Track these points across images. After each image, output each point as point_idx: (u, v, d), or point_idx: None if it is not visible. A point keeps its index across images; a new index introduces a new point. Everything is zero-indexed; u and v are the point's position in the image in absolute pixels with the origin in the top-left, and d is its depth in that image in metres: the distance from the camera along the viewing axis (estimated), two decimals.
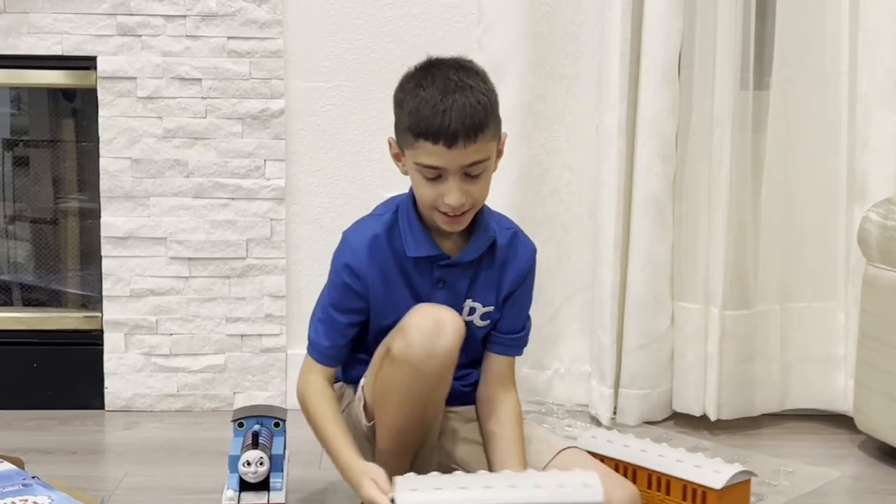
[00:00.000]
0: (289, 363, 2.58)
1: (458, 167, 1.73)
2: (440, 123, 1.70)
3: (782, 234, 2.51)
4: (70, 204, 2.70)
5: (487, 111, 1.73)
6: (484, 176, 1.77)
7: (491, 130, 1.74)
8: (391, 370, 1.76)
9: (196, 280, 2.55)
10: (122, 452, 2.32)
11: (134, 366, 2.56)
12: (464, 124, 1.70)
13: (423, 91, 1.74)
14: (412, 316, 1.75)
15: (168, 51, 2.49)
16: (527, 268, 1.92)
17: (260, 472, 1.84)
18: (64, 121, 2.71)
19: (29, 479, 1.62)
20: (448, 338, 1.73)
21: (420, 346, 1.72)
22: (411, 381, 1.74)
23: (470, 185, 1.75)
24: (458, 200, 1.74)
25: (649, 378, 2.50)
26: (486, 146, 1.74)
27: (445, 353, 1.73)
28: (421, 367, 1.72)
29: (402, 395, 1.76)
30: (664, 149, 2.44)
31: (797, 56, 2.47)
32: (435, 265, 1.84)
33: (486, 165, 1.76)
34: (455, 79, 1.74)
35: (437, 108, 1.71)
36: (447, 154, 1.71)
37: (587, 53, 2.52)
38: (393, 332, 1.78)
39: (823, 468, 2.24)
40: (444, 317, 1.75)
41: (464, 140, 1.70)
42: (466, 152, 1.72)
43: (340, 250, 1.86)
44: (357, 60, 2.54)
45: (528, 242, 1.94)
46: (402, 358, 1.73)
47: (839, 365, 2.53)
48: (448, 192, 1.74)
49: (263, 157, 2.53)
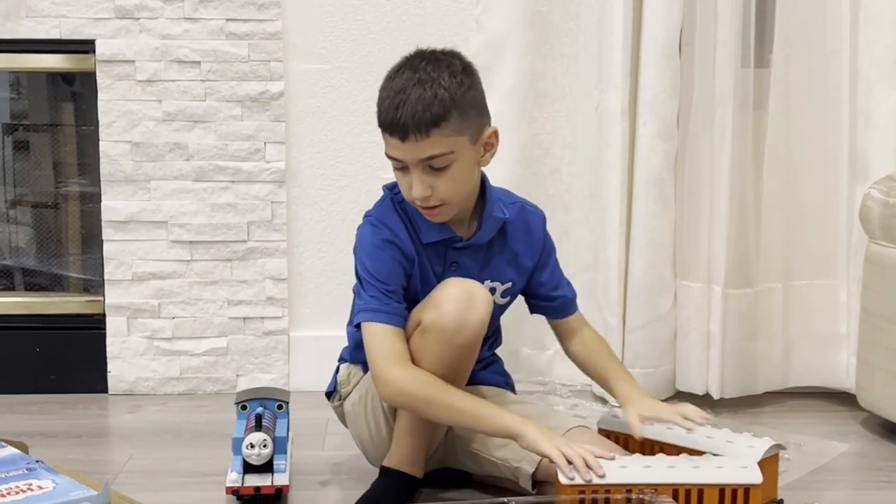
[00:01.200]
0: (291, 345, 2.58)
1: (415, 160, 1.75)
2: (393, 116, 1.74)
3: (784, 212, 2.51)
4: (71, 188, 2.69)
5: (446, 105, 1.73)
6: (451, 171, 1.77)
7: (451, 125, 1.74)
8: (421, 341, 1.77)
9: (198, 263, 2.55)
10: (125, 436, 2.32)
11: (137, 349, 2.56)
12: (414, 119, 1.72)
13: (391, 83, 1.78)
14: (444, 289, 1.79)
15: (167, 34, 2.48)
16: (540, 237, 1.98)
17: (263, 455, 1.85)
18: (63, 105, 2.71)
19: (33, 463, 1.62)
20: (479, 310, 1.77)
21: (453, 317, 1.75)
22: (442, 352, 1.76)
23: (434, 179, 1.76)
24: (420, 193, 1.76)
25: (652, 357, 2.50)
26: (445, 140, 1.74)
27: (476, 324, 1.77)
28: (453, 338, 1.75)
29: (431, 367, 1.77)
30: (665, 128, 2.43)
31: (798, 33, 2.46)
32: (449, 248, 1.87)
33: (450, 159, 1.76)
34: (423, 73, 1.76)
35: (394, 101, 1.74)
36: (402, 147, 1.75)
37: (587, 32, 2.51)
38: (422, 305, 1.81)
39: (832, 441, 2.24)
40: (475, 290, 1.79)
41: (415, 134, 1.73)
42: (419, 146, 1.74)
43: (375, 229, 1.85)
44: (356, 41, 2.53)
45: (536, 212, 1.99)
46: (434, 328, 1.75)
47: (841, 342, 2.53)
48: (412, 183, 1.77)
49: (263, 140, 2.52)
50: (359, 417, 1.95)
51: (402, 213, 1.87)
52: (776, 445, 1.87)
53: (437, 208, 1.80)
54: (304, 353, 2.58)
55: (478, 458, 1.91)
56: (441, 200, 1.78)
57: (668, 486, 1.66)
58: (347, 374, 1.99)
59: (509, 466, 1.86)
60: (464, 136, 1.77)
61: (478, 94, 1.81)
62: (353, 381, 1.97)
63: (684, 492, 1.68)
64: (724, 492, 1.68)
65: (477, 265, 1.90)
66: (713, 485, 1.68)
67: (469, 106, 1.77)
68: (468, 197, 1.85)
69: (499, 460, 1.88)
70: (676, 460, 1.74)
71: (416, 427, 1.83)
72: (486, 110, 1.84)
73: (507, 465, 1.87)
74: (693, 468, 1.70)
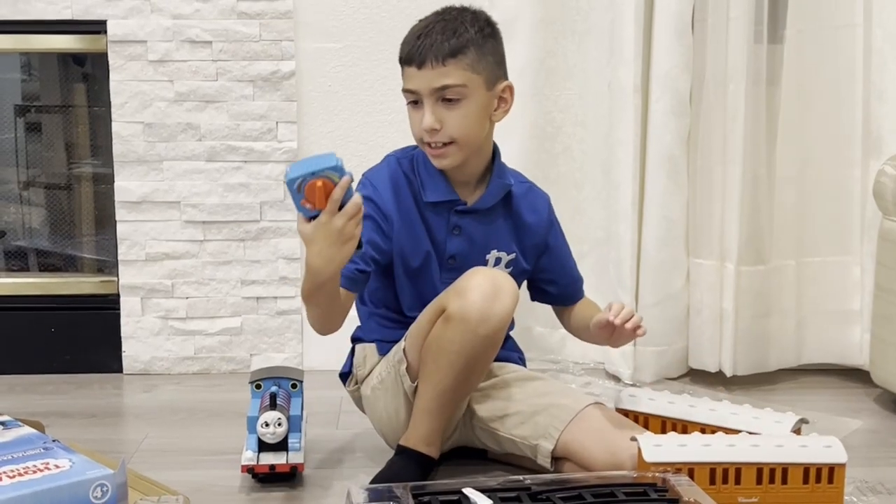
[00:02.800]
0: (304, 325, 2.59)
1: (429, 89, 1.80)
2: (413, 46, 1.82)
3: (797, 189, 2.50)
4: (83, 169, 2.70)
5: (466, 41, 1.80)
6: (462, 107, 1.81)
7: (468, 60, 1.80)
8: (445, 329, 1.77)
9: (211, 243, 2.55)
10: (140, 415, 2.34)
11: (151, 329, 2.57)
12: (433, 47, 1.79)
13: (418, 23, 1.86)
14: (471, 278, 1.78)
15: (178, 13, 2.47)
16: (546, 217, 1.99)
17: (278, 433, 1.86)
18: (75, 85, 2.71)
19: (49, 442, 1.63)
20: (505, 301, 1.77)
21: (478, 307, 1.74)
22: (465, 342, 1.76)
23: (445, 112, 1.81)
24: (430, 123, 1.80)
25: (665, 335, 2.50)
26: (460, 73, 1.80)
27: (502, 316, 1.77)
28: (477, 328, 1.75)
29: (454, 355, 1.77)
30: (678, 105, 2.42)
31: (811, 8, 2.44)
32: (451, 211, 1.88)
33: (462, 93, 1.80)
34: (448, 15, 1.84)
35: (417, 33, 1.83)
36: (418, 75, 1.80)
37: (598, 8, 2.49)
38: (448, 293, 1.80)
39: (844, 417, 2.24)
40: (502, 281, 1.79)
41: (432, 61, 1.79)
42: (435, 73, 1.79)
43: (362, 186, 1.89)
44: (367, 20, 2.52)
45: (542, 193, 2.02)
46: (459, 317, 1.75)
47: (855, 319, 2.53)
48: (423, 116, 1.81)
49: (275, 120, 2.52)
50: (378, 401, 1.95)
51: (399, 172, 1.90)
52: (801, 420, 1.87)
53: (445, 148, 1.83)
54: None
55: (497, 436, 1.92)
56: (450, 137, 1.82)
57: (752, 466, 1.66)
58: (363, 357, 1.99)
59: (528, 444, 1.87)
60: (479, 76, 1.82)
61: (498, 45, 1.87)
62: (368, 363, 1.98)
63: (768, 471, 1.67)
64: (809, 471, 1.67)
65: (480, 233, 1.91)
66: (798, 464, 1.67)
67: (488, 51, 1.83)
68: (476, 146, 1.87)
69: (518, 438, 1.88)
70: (732, 438, 1.73)
71: (435, 408, 1.83)
72: (504, 65, 1.89)
73: (526, 442, 1.87)
74: (776, 447, 1.69)
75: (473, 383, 1.86)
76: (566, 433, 1.83)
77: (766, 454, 1.68)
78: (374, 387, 1.95)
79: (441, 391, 1.81)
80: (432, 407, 1.83)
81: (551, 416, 1.86)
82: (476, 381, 1.87)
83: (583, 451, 1.81)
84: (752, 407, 1.92)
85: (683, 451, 1.68)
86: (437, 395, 1.81)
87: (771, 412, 1.90)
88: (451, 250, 1.91)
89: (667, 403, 1.96)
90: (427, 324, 1.82)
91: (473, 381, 1.85)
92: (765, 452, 1.68)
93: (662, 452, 1.67)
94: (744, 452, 1.68)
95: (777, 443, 1.71)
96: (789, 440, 1.73)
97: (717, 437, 1.74)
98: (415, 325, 1.87)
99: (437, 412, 1.83)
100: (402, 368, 1.87)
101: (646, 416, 1.95)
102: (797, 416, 1.87)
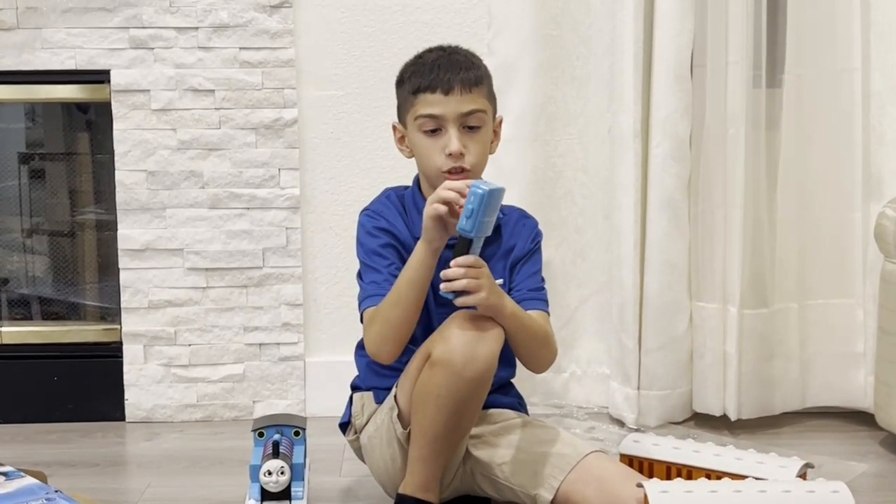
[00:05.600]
0: (307, 371, 2.59)
1: (456, 114, 1.84)
2: (436, 75, 1.85)
3: (799, 232, 2.50)
4: (87, 216, 2.71)
5: (481, 72, 1.89)
6: (481, 134, 1.87)
7: (485, 89, 1.88)
8: (431, 375, 1.77)
9: (213, 290, 2.56)
10: (143, 464, 2.33)
11: (153, 377, 2.57)
12: (459, 75, 1.85)
13: (422, 58, 1.91)
14: (453, 321, 1.78)
15: (181, 63, 2.50)
16: (533, 236, 2.00)
17: (281, 482, 1.85)
18: (79, 134, 2.73)
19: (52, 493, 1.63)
20: (489, 343, 1.76)
21: (461, 350, 1.74)
22: (451, 386, 1.75)
23: (469, 139, 1.85)
24: (458, 147, 1.83)
25: (669, 379, 2.49)
26: (482, 101, 1.87)
27: (487, 358, 1.76)
28: (462, 371, 1.74)
29: (441, 400, 1.76)
30: (678, 149, 2.43)
31: (810, 53, 2.46)
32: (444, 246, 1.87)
33: (483, 119, 1.87)
34: (453, 51, 1.92)
35: (435, 65, 1.87)
36: (444, 101, 1.84)
37: (598, 54, 2.51)
38: (433, 338, 1.80)
39: (851, 462, 2.23)
40: (486, 323, 1.77)
41: (460, 87, 1.84)
42: (463, 100, 1.84)
43: (371, 219, 1.93)
44: (369, 68, 2.54)
45: (532, 217, 2.04)
46: (443, 362, 1.74)
47: (859, 362, 2.52)
48: (448, 142, 1.84)
49: (278, 167, 2.54)
50: (375, 450, 1.93)
51: (399, 207, 1.93)
52: (806, 464, 1.86)
53: (464, 174, 1.85)
54: (319, 378, 2.58)
55: (497, 483, 1.91)
56: (470, 165, 1.86)
57: None
58: (361, 406, 1.98)
59: (528, 493, 1.86)
60: (491, 105, 1.90)
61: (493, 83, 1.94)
62: (366, 412, 1.97)
63: None
64: None
65: None
66: None
67: (491, 84, 1.92)
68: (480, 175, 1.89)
69: (517, 487, 1.87)
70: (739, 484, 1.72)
71: (428, 454, 1.81)
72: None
73: (525, 491, 1.86)
74: (784, 492, 1.68)
75: (465, 427, 1.84)
76: (566, 483, 1.82)
77: (774, 500, 1.67)
78: (371, 435, 1.94)
79: (433, 437, 1.79)
80: (425, 454, 1.81)
81: (551, 465, 1.85)
82: (468, 425, 1.85)
83: (583, 502, 1.80)
84: (756, 452, 1.91)
85: (690, 497, 1.67)
86: (428, 441, 1.80)
87: (776, 457, 1.89)
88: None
89: (671, 449, 1.96)
90: (415, 370, 1.81)
91: (465, 425, 1.84)
92: (772, 498, 1.67)
93: (669, 499, 1.66)
94: (751, 499, 1.67)
95: (784, 488, 1.70)
96: (796, 485, 1.72)
97: (724, 483, 1.73)
98: (404, 371, 1.86)
99: (431, 458, 1.82)
100: (393, 415, 1.86)
101: (650, 462, 1.94)
102: (802, 461, 1.86)
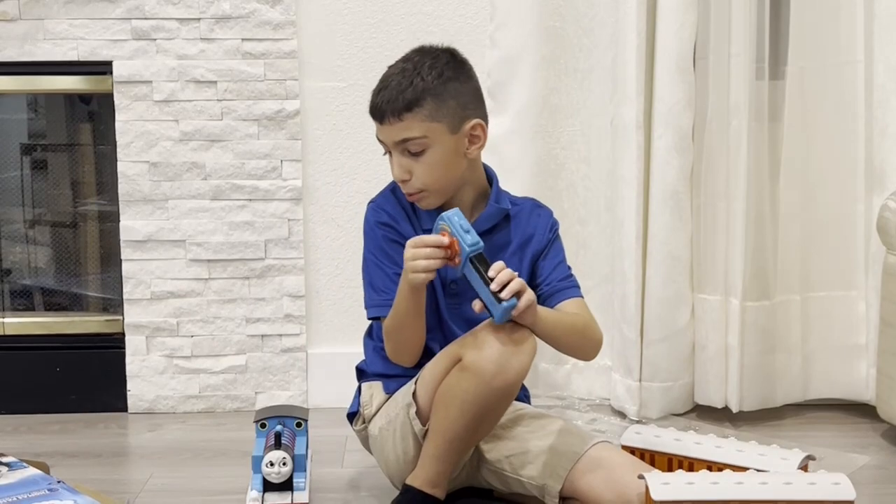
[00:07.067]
0: (309, 362, 2.59)
1: (392, 142, 1.87)
2: (374, 101, 1.88)
3: (801, 224, 2.50)
4: (89, 207, 2.71)
5: (419, 92, 1.83)
6: (427, 157, 1.85)
7: (425, 111, 1.83)
8: (459, 378, 1.77)
9: (216, 282, 2.56)
10: (146, 455, 2.33)
11: (156, 368, 2.57)
12: (388, 102, 1.85)
13: (384, 73, 1.91)
14: (489, 329, 1.77)
15: (183, 54, 2.49)
16: (547, 228, 1.99)
17: (283, 473, 1.85)
18: (81, 125, 2.73)
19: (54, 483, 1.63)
20: (522, 357, 1.76)
21: (494, 360, 1.74)
22: (478, 393, 1.75)
23: (412, 162, 1.86)
24: (398, 175, 1.87)
25: (671, 371, 2.49)
26: (419, 125, 1.84)
27: (518, 371, 1.76)
28: (492, 381, 1.74)
29: (466, 405, 1.76)
30: (681, 141, 2.43)
31: (812, 45, 2.46)
32: None
33: (424, 144, 1.85)
34: (409, 63, 1.88)
35: (379, 87, 1.88)
36: (380, 129, 1.89)
37: (600, 47, 2.51)
38: (465, 342, 1.80)
39: (853, 454, 2.23)
40: (520, 335, 1.77)
41: (389, 117, 1.85)
42: (394, 128, 1.85)
43: (374, 212, 1.95)
44: (371, 59, 2.54)
45: (545, 209, 2.04)
46: (474, 369, 1.75)
47: (861, 354, 2.52)
48: (392, 167, 1.88)
49: (280, 158, 2.54)
50: (386, 442, 1.93)
51: (403, 198, 1.94)
52: (808, 456, 1.87)
53: (419, 193, 1.88)
54: (322, 369, 2.59)
55: (504, 476, 1.91)
56: (420, 186, 1.87)
57: (761, 503, 1.66)
58: (370, 395, 1.99)
59: (536, 484, 1.86)
60: (439, 124, 1.85)
61: (462, 86, 1.88)
62: (375, 402, 1.97)
63: None
64: None
65: None
66: (807, 501, 1.67)
67: (448, 96, 1.85)
68: (453, 186, 1.90)
69: (525, 478, 1.88)
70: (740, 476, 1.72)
71: (443, 454, 1.82)
72: (472, 103, 1.89)
73: (533, 483, 1.87)
74: (785, 484, 1.69)
75: (483, 432, 1.86)
76: (573, 473, 1.83)
77: (775, 491, 1.67)
78: (382, 427, 1.94)
79: (451, 438, 1.80)
80: (440, 453, 1.82)
81: (558, 455, 1.86)
82: (486, 431, 1.86)
83: (590, 491, 1.81)
84: (758, 444, 1.91)
85: (691, 489, 1.67)
86: (446, 441, 1.81)
87: (777, 449, 1.89)
88: (451, 276, 1.91)
89: (673, 440, 1.96)
90: (442, 371, 1.81)
91: (483, 431, 1.85)
92: (773, 490, 1.68)
93: (670, 490, 1.66)
94: (752, 490, 1.67)
95: (785, 480, 1.70)
96: (798, 477, 1.72)
97: (725, 474, 1.73)
98: (428, 369, 1.86)
99: (444, 458, 1.82)
100: (411, 412, 1.86)
101: (652, 454, 1.95)
102: (804, 453, 1.86)
